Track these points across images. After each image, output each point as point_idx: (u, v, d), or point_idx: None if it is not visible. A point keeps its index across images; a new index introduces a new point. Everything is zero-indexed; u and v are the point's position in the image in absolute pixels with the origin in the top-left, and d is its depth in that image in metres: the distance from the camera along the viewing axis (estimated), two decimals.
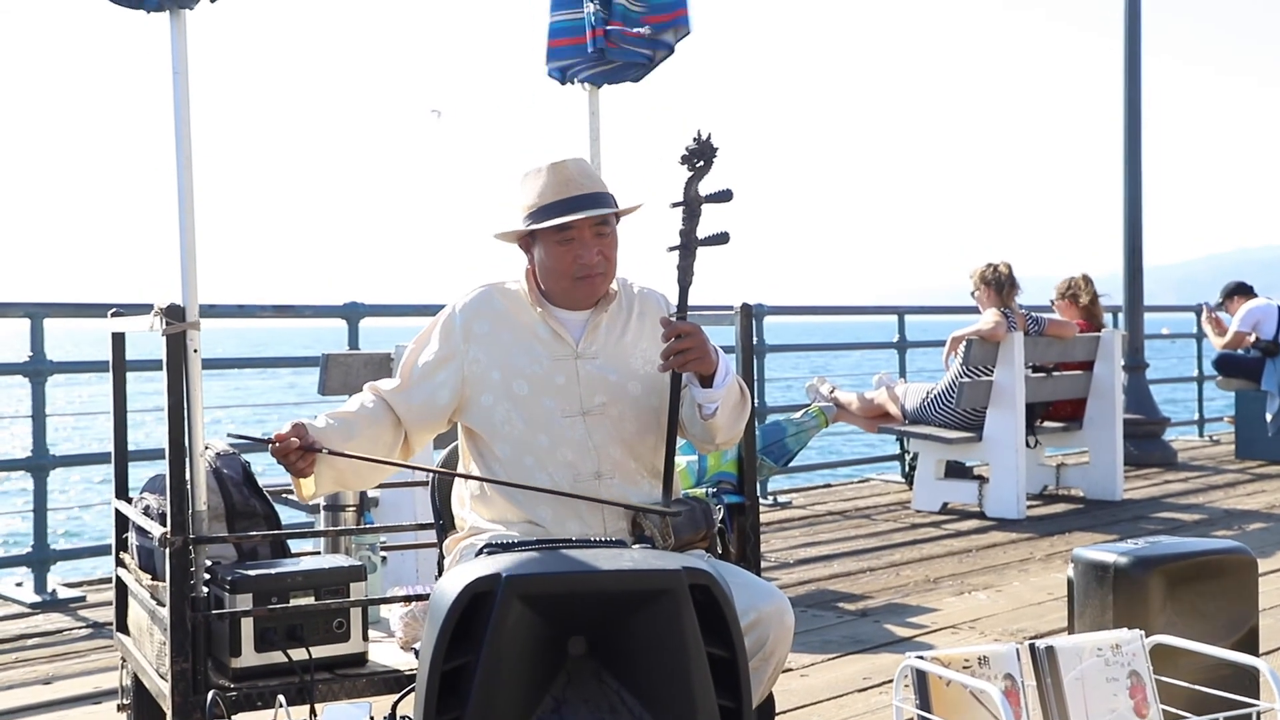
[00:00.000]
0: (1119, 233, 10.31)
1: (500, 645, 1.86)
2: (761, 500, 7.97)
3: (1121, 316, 10.29)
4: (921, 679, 2.16)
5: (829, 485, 8.96)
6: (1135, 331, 10.07)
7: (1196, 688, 2.33)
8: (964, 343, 7.37)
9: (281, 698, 2.23)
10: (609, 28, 3.56)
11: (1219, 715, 2.21)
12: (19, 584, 5.64)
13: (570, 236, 2.76)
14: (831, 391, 7.99)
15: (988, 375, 7.40)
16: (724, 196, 2.71)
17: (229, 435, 2.78)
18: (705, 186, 2.71)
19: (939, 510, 7.59)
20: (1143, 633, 2.28)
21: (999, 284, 7.51)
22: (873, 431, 7.97)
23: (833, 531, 7.02)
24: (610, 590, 1.91)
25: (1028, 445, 7.60)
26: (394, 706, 2.18)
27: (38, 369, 5.58)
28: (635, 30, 3.57)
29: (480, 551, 2.10)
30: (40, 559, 5.55)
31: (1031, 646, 2.28)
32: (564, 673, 1.94)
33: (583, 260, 2.76)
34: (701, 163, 2.69)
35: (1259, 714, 2.25)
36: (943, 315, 10.13)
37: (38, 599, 5.37)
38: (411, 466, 2.95)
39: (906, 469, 8.46)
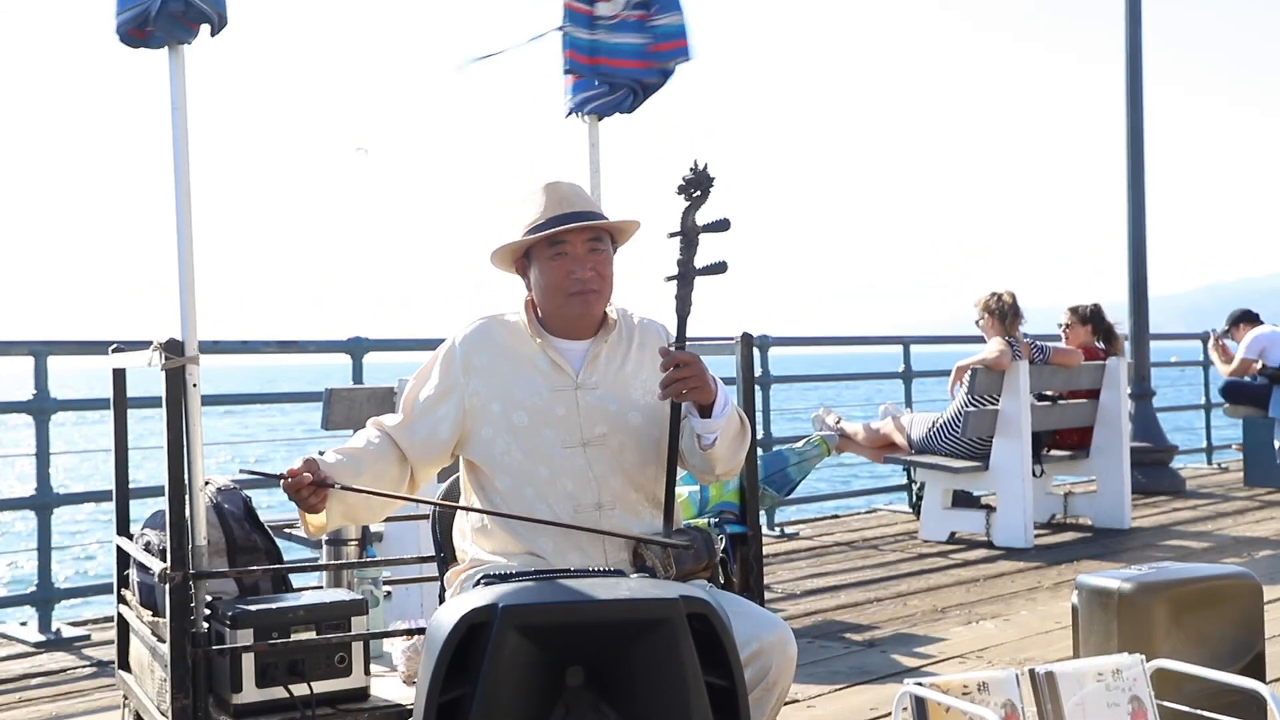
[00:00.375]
0: (1124, 262, 10.30)
1: (497, 676, 1.84)
2: (768, 531, 7.94)
3: (1128, 345, 10.28)
4: (920, 705, 2.14)
5: (836, 516, 8.93)
6: (1141, 360, 10.05)
7: (1198, 712, 2.31)
8: (969, 372, 7.36)
9: None
10: (602, 65, 3.60)
11: None
12: (23, 623, 5.63)
13: (563, 251, 2.76)
14: (837, 422, 7.98)
15: (993, 404, 7.39)
16: (721, 226, 2.71)
17: (241, 471, 2.78)
18: (702, 216, 2.72)
19: (946, 540, 7.56)
20: (1143, 657, 2.26)
21: (1002, 313, 7.51)
22: (879, 462, 7.96)
23: (840, 562, 6.99)
24: (607, 620, 1.90)
25: (1034, 474, 7.58)
26: None
27: (41, 407, 5.59)
28: (631, 61, 3.60)
29: (478, 583, 2.09)
30: (44, 598, 5.54)
31: (1032, 673, 2.26)
32: (561, 704, 1.92)
33: (575, 275, 2.76)
34: (698, 192, 2.69)
35: None
36: (948, 345, 10.12)
37: (42, 638, 5.35)
38: (421, 501, 2.94)
39: (913, 499, 8.43)
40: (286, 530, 4.29)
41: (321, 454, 2.73)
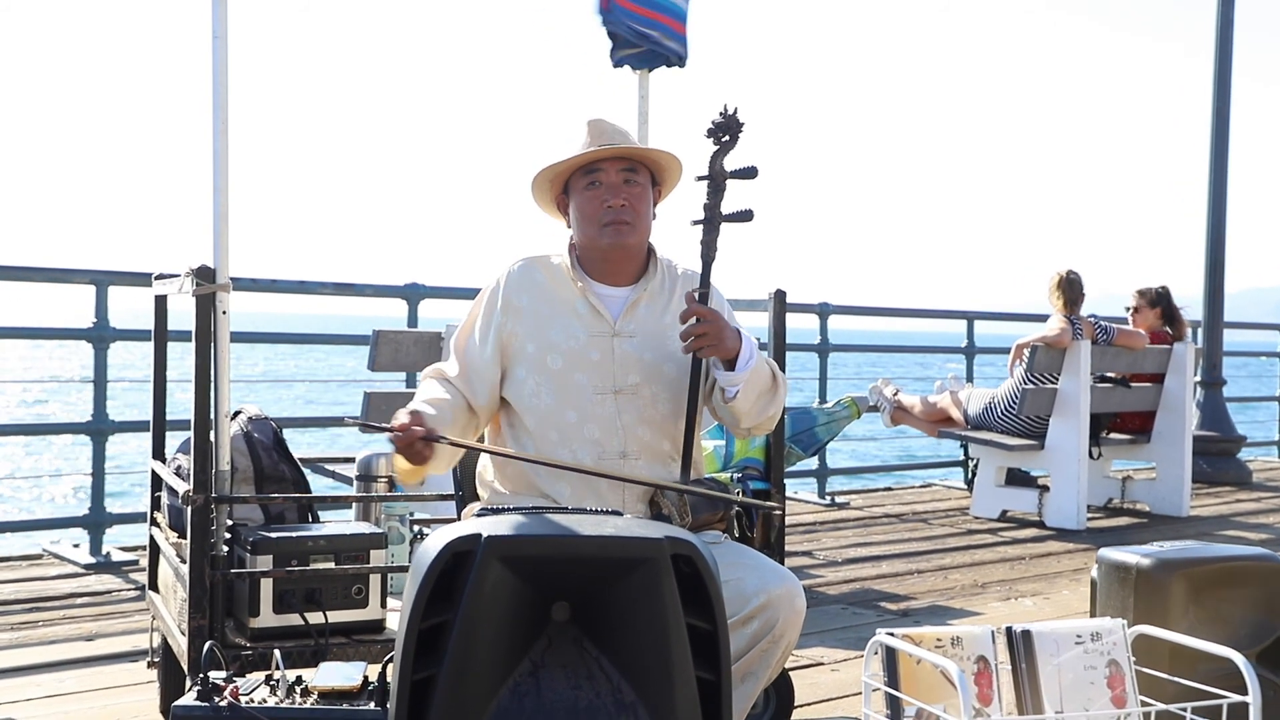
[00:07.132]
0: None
1: (479, 605, 1.85)
2: (818, 499, 7.92)
3: (1199, 331, 10.07)
4: (891, 655, 2.12)
5: (889, 489, 8.87)
6: (1214, 347, 9.84)
7: (1178, 680, 2.27)
8: (1029, 349, 7.27)
9: (278, 655, 2.25)
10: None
11: (1187, 705, 2.14)
12: (76, 545, 5.77)
13: (598, 180, 2.77)
14: (895, 394, 7.92)
15: (1052, 383, 7.29)
16: (749, 173, 2.69)
17: (348, 420, 2.80)
18: (731, 162, 2.70)
19: (998, 518, 7.48)
20: (1125, 622, 2.22)
21: (1061, 290, 7.41)
22: (934, 435, 7.89)
23: (886, 533, 6.95)
24: (591, 556, 1.90)
25: (1092, 456, 7.47)
26: (383, 666, 2.18)
27: (101, 335, 5.70)
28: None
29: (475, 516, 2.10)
30: (96, 521, 5.68)
31: (1008, 630, 2.23)
32: (545, 637, 1.93)
33: (609, 203, 2.75)
34: (727, 137, 2.67)
35: (1229, 705, 2.18)
36: (1013, 322, 9.98)
37: (92, 560, 5.49)
38: (517, 457, 2.80)
39: (969, 476, 8.35)
40: (320, 465, 4.35)
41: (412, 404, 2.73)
